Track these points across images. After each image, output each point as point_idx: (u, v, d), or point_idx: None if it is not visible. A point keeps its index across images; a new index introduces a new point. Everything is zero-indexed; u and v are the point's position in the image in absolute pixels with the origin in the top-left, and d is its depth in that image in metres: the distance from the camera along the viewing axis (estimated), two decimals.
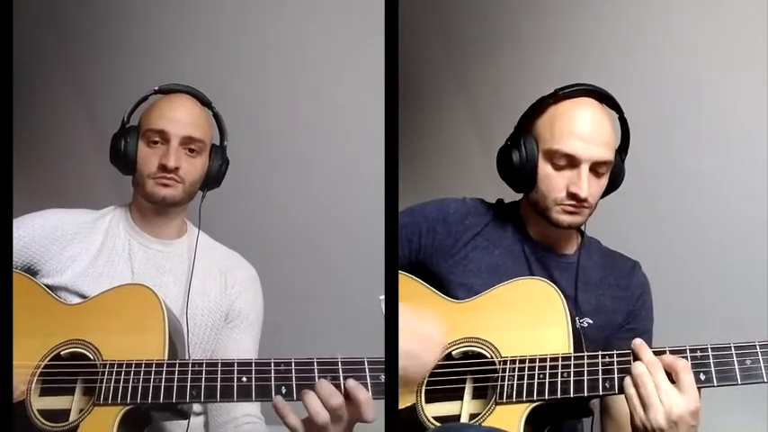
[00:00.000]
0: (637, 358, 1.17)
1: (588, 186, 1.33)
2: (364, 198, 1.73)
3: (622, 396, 1.17)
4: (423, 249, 1.44)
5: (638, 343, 1.19)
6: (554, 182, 1.36)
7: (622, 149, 1.43)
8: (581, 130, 1.34)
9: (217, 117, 1.55)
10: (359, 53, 2.07)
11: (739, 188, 1.93)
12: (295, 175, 2.27)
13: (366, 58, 1.85)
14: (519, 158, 1.37)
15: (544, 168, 1.37)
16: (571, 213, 1.36)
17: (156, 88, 1.51)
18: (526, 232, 1.45)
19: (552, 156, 1.35)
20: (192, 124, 1.47)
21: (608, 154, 1.35)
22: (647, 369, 1.15)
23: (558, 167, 1.36)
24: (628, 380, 1.16)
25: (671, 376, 1.14)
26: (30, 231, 1.42)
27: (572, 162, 1.34)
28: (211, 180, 1.52)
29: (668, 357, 1.15)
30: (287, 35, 2.27)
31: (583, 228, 1.45)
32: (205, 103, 1.53)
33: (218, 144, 1.54)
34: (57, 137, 2.64)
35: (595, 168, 1.35)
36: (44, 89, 2.58)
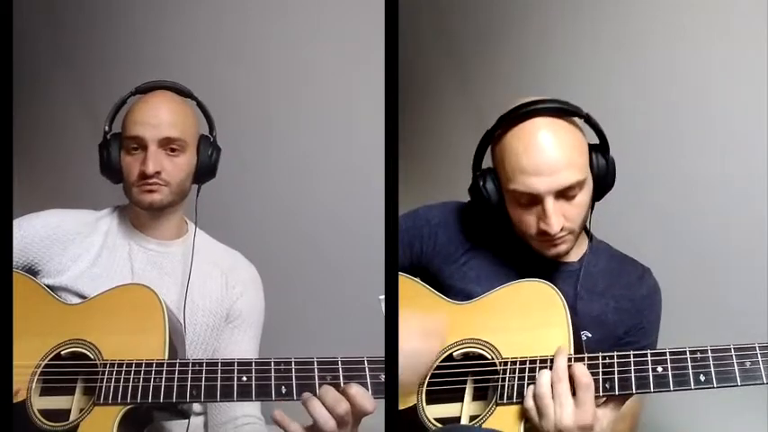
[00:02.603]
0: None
1: (558, 217, 1.24)
2: (364, 198, 1.73)
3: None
4: (424, 254, 1.42)
5: (559, 348, 1.19)
6: (523, 219, 1.28)
7: (602, 146, 1.30)
8: (530, 163, 1.22)
9: (201, 106, 1.49)
10: (359, 53, 2.07)
11: (739, 189, 1.93)
12: (295, 176, 2.28)
13: (366, 58, 1.85)
14: (486, 203, 1.31)
15: (511, 207, 1.30)
16: (552, 246, 1.29)
17: (134, 89, 1.46)
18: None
19: (513, 195, 1.27)
20: (169, 124, 1.42)
21: (572, 176, 1.23)
22: (552, 378, 1.15)
23: (522, 205, 1.27)
24: (530, 389, 1.17)
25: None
26: (31, 231, 1.42)
27: (533, 198, 1.25)
28: (204, 172, 1.48)
29: (577, 369, 1.15)
30: (287, 35, 2.28)
31: (588, 227, 1.40)
32: (185, 94, 1.48)
33: (206, 134, 1.49)
34: (57, 137, 2.64)
35: (564, 194, 1.24)
36: (44, 89, 2.58)
